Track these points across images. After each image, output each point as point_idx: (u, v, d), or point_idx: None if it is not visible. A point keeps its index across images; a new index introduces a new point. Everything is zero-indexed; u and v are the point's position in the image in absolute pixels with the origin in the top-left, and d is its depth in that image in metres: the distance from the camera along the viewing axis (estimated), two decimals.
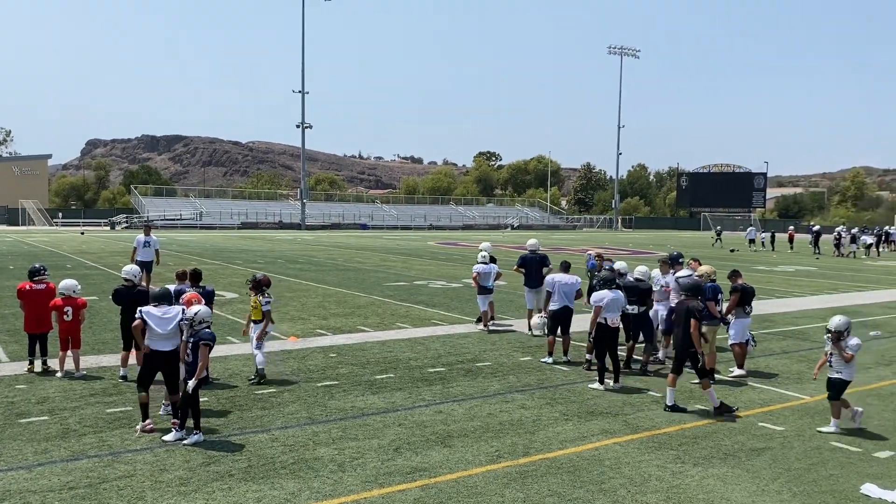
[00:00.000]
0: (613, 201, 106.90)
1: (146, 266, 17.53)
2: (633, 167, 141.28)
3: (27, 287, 10.56)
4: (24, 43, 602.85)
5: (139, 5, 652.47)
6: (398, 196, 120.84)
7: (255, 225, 78.10)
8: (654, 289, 11.65)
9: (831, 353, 8.47)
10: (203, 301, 8.64)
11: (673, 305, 10.61)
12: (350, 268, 28.25)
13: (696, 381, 10.55)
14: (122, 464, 6.86)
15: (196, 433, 7.55)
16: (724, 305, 11.08)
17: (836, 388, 8.46)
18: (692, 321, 8.98)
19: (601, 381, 10.09)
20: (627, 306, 10.97)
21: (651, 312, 11.50)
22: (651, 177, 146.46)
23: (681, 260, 12.34)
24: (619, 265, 12.07)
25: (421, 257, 35.20)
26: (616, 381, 10.17)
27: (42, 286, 10.57)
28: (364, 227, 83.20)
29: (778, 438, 8.09)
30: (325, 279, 23.67)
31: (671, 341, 12.34)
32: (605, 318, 10.01)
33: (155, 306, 8.02)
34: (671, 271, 11.80)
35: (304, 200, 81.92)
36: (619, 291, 10.34)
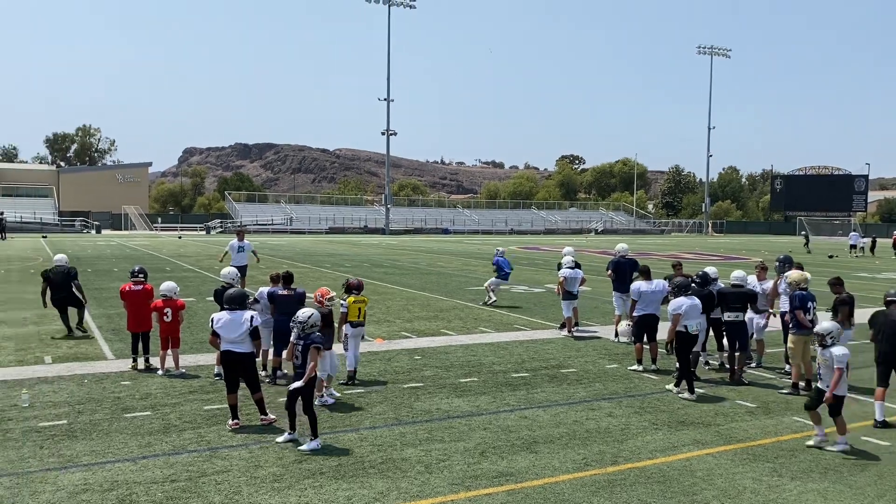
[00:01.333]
0: (703, 205, 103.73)
1: (241, 270, 18.20)
2: (723, 169, 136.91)
3: (127, 288, 11.17)
4: (126, 59, 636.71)
5: (231, 22, 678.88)
6: (479, 201, 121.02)
7: (342, 230, 79.81)
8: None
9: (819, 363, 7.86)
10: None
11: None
12: (433, 272, 28.49)
13: (786, 391, 10.15)
14: (219, 459, 7.15)
15: (313, 440, 7.49)
16: (821, 314, 10.56)
17: (830, 404, 7.67)
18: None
19: (691, 391, 9.83)
20: (729, 313, 10.65)
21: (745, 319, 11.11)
22: (743, 179, 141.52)
23: (791, 264, 11.84)
24: (709, 270, 11.72)
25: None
26: (678, 385, 9.96)
27: (139, 287, 11.15)
28: (446, 231, 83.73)
29: (884, 454, 7.67)
30: (409, 283, 23.96)
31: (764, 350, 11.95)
32: (686, 326, 9.78)
33: (229, 310, 8.28)
34: (784, 275, 11.33)
35: (388, 206, 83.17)
36: (696, 298, 10.08)
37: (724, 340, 11.29)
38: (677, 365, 10.13)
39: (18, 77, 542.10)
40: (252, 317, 8.28)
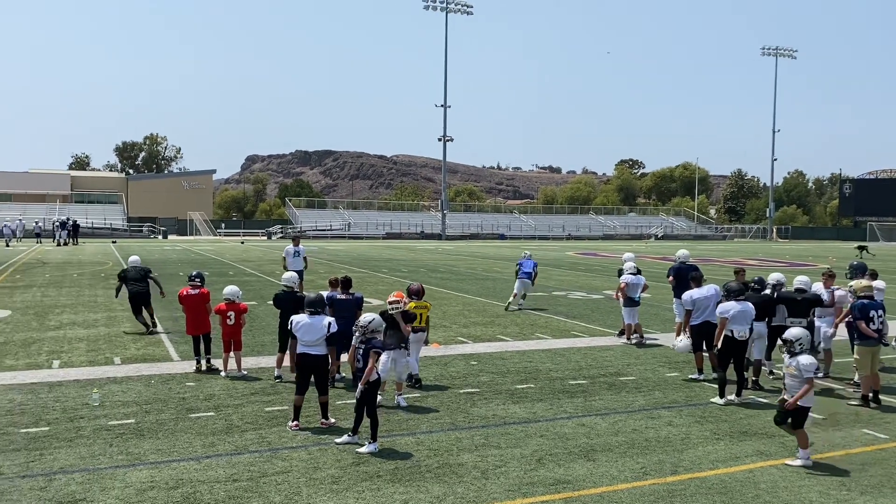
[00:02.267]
0: (768, 210, 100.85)
1: (298, 274, 18.50)
2: (789, 174, 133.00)
3: (185, 292, 11.51)
4: (191, 70, 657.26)
5: (291, 32, 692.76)
6: (536, 206, 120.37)
7: (399, 235, 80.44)
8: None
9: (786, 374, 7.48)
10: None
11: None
12: (489, 277, 28.46)
13: (854, 402, 9.81)
14: (279, 460, 7.30)
15: (372, 443, 7.59)
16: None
17: (792, 415, 7.38)
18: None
19: (721, 395, 9.68)
20: (792, 318, 10.38)
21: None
22: (810, 184, 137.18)
23: (863, 271, 11.44)
24: (774, 276, 11.41)
25: (559, 267, 34.86)
26: (738, 395, 9.72)
27: (196, 291, 11.47)
28: (502, 237, 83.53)
29: None
30: (465, 288, 24.00)
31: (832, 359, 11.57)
32: (732, 331, 9.59)
33: (310, 313, 8.50)
34: (866, 280, 10.99)
35: (445, 211, 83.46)
36: (748, 304, 9.84)
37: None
38: (735, 375, 9.89)
39: (91, 89, 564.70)
40: (330, 322, 8.53)
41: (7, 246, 47.97)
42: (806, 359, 7.40)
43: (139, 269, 14.60)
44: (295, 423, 8.29)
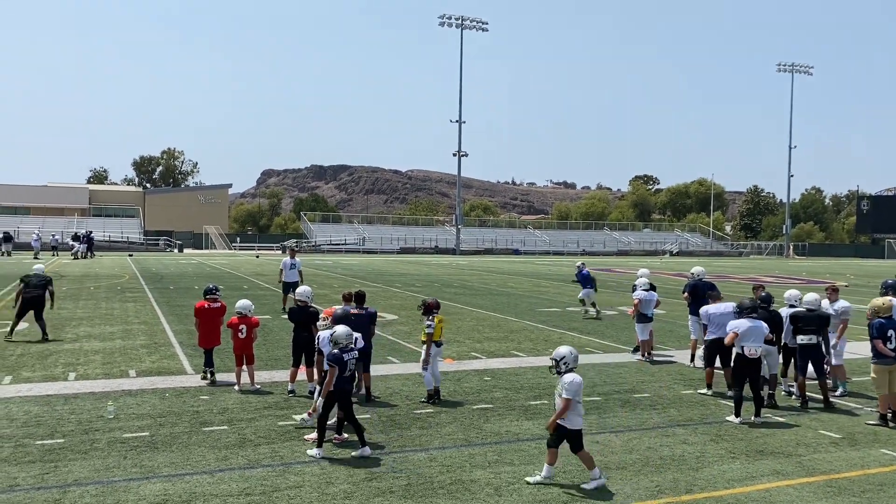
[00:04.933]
0: (784, 226, 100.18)
1: (293, 286, 18.60)
2: (806, 190, 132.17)
3: (206, 305, 11.54)
4: (208, 86, 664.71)
5: (307, 48, 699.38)
6: (550, 221, 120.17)
7: (413, 250, 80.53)
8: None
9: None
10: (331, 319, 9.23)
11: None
12: (503, 292, 28.40)
13: (873, 422, 9.68)
14: (292, 474, 7.29)
15: (363, 446, 7.87)
16: None
17: (569, 440, 7.14)
18: None
19: (737, 414, 9.58)
20: (802, 336, 10.30)
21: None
22: (827, 200, 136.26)
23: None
24: (789, 294, 11.33)
25: (574, 283, 34.71)
26: (757, 414, 9.59)
27: (217, 304, 11.51)
28: (516, 252, 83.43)
29: None
30: (479, 303, 23.95)
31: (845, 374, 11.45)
32: (743, 347, 9.51)
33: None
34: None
35: (459, 226, 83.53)
36: (760, 321, 9.77)
37: (791, 365, 11.03)
38: (751, 393, 9.80)
39: (109, 104, 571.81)
40: (357, 338, 8.62)
41: (36, 258, 48.60)
42: (569, 377, 7.14)
43: (41, 278, 15.36)
44: (338, 436, 8.37)
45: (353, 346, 8.26)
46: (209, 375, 11.29)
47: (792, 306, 11.03)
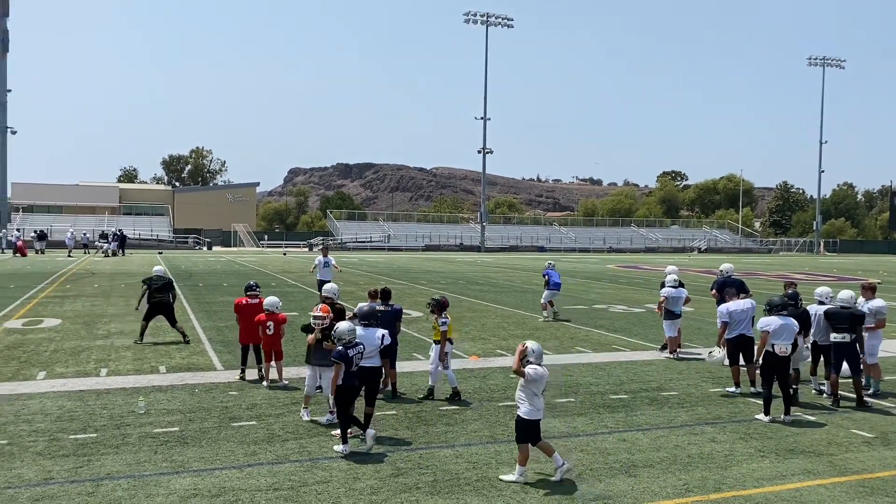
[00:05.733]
0: (815, 223, 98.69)
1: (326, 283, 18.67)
2: (837, 186, 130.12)
3: (243, 301, 11.68)
4: (236, 86, 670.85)
5: (332, 47, 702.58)
6: (576, 218, 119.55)
7: (438, 247, 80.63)
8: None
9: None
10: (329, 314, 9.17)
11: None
12: (528, 290, 28.31)
13: None
14: (319, 469, 7.35)
15: (343, 445, 7.85)
16: None
17: (517, 429, 7.22)
18: None
19: (766, 412, 9.46)
20: (836, 334, 10.15)
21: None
22: (859, 196, 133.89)
23: None
24: (820, 290, 11.16)
25: (600, 280, 34.55)
26: (787, 413, 9.47)
27: (255, 301, 11.64)
28: (542, 249, 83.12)
29: None
30: (504, 300, 23.92)
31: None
32: (773, 346, 9.38)
33: (364, 325, 8.61)
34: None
35: (484, 223, 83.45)
36: (791, 319, 9.63)
37: (822, 363, 10.92)
38: (780, 391, 9.68)
39: (139, 104, 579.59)
40: (383, 335, 8.70)
41: (69, 255, 49.59)
42: (536, 369, 7.16)
43: (162, 280, 14.99)
44: (362, 431, 8.40)
45: (357, 341, 8.16)
46: (249, 372, 11.40)
47: (821, 303, 10.88)
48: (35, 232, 56.46)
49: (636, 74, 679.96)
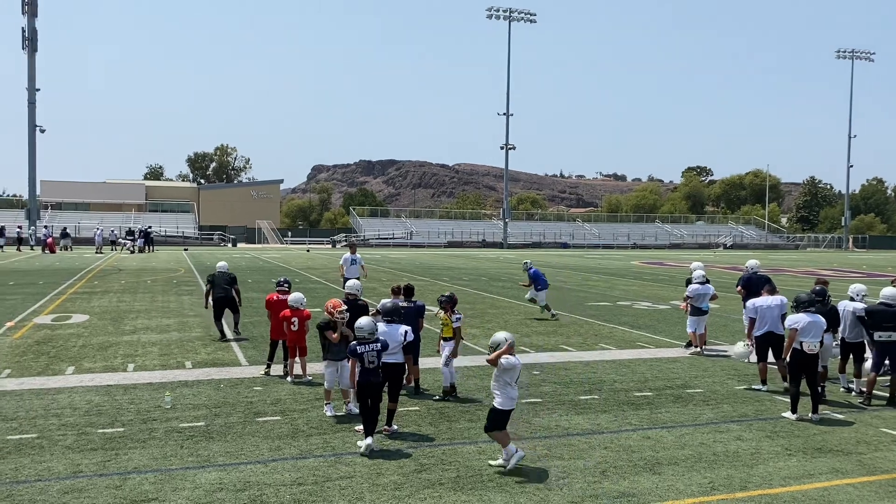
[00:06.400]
0: (843, 218, 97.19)
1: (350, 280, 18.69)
2: (867, 181, 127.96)
3: (275, 297, 11.78)
4: (259, 84, 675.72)
5: (355, 44, 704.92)
6: (600, 214, 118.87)
7: (460, 244, 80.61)
8: None
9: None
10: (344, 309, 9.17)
11: None
12: (551, 286, 28.18)
13: None
14: (343, 465, 7.38)
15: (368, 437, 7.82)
16: None
17: (489, 418, 7.38)
18: None
19: (794, 410, 9.35)
20: (880, 333, 9.98)
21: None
22: (889, 191, 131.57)
23: None
24: (855, 288, 10.96)
25: (624, 277, 34.32)
26: (814, 411, 9.33)
27: (285, 297, 11.72)
28: (565, 245, 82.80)
29: None
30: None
31: None
32: (801, 343, 9.26)
33: (387, 321, 8.62)
34: None
35: (507, 220, 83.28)
36: (818, 316, 9.49)
37: (851, 361, 10.75)
38: (808, 389, 9.55)
39: (165, 102, 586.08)
40: (406, 331, 8.70)
41: (98, 252, 50.33)
42: (509, 359, 7.29)
43: (225, 276, 14.81)
44: (392, 427, 8.47)
45: (377, 337, 8.09)
46: (274, 368, 11.49)
47: (852, 300, 10.71)
48: (59, 229, 57.33)
49: (661, 69, 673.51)
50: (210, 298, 14.77)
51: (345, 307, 9.27)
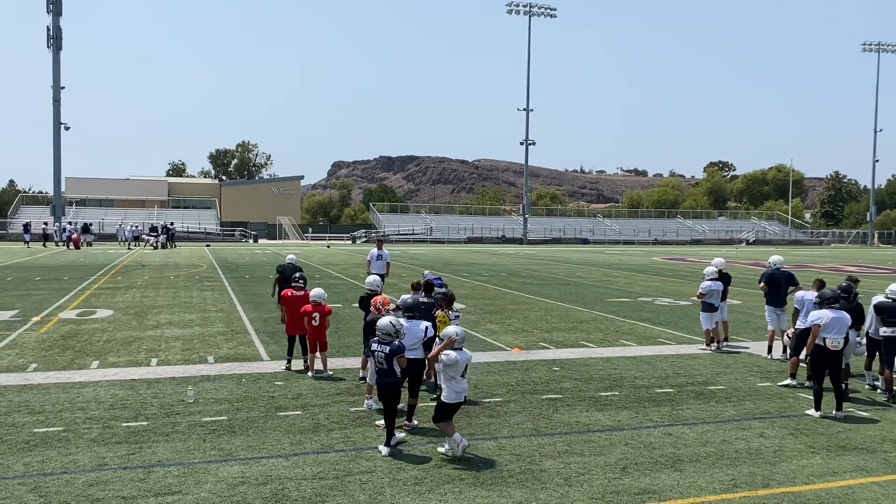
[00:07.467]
0: (868, 214, 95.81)
1: (381, 278, 18.72)
2: (893, 176, 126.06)
3: (290, 293, 11.84)
4: (280, 82, 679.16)
5: (374, 41, 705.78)
6: (621, 210, 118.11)
7: (480, 239, 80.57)
8: None
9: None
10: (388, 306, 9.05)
11: None
12: (571, 282, 28.12)
13: None
14: (364, 459, 7.43)
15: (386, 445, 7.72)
16: None
17: (436, 409, 7.65)
18: None
19: (817, 408, 9.24)
20: (886, 328, 9.85)
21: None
22: None
23: None
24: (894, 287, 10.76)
25: (645, 273, 34.11)
26: (839, 409, 9.24)
27: (301, 293, 11.78)
28: (585, 241, 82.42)
29: None
30: (547, 293, 23.78)
31: None
32: (825, 339, 9.16)
33: (408, 317, 8.64)
34: None
35: (526, 215, 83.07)
36: (843, 312, 9.37)
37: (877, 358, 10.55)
38: (832, 386, 9.44)
39: (187, 100, 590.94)
40: (427, 327, 8.72)
41: (129, 248, 50.98)
42: (457, 354, 7.60)
43: (292, 267, 14.66)
44: (412, 422, 8.50)
45: (394, 341, 7.91)
46: (294, 363, 11.56)
47: (887, 297, 10.54)
48: (81, 225, 58.02)
49: (683, 63, 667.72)
50: (277, 288, 14.96)
51: (392, 305, 9.23)
